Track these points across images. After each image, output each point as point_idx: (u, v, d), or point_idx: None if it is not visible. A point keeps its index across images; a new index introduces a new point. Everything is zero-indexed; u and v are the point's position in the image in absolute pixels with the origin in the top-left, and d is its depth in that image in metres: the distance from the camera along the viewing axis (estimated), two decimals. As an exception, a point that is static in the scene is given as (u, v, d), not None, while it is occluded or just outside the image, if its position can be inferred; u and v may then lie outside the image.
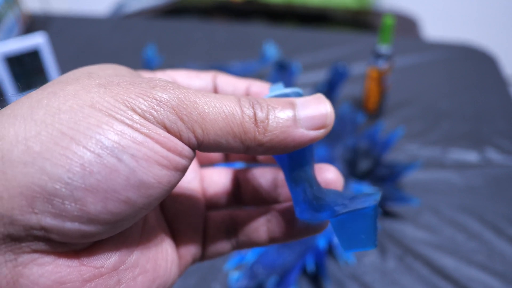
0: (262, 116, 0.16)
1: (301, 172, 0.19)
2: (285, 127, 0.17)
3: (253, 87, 0.22)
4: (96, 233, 0.15)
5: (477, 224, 0.52)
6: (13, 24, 0.88)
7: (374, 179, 0.54)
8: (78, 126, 0.14)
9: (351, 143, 0.57)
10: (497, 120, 0.70)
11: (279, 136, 0.17)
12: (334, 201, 0.18)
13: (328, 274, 0.46)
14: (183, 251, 0.20)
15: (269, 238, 0.21)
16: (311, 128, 0.17)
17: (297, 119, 0.17)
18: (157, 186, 0.15)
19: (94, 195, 0.14)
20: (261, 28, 0.99)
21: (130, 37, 0.94)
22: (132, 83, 0.15)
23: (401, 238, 0.50)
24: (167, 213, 0.21)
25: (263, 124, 0.16)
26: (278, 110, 0.17)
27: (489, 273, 0.47)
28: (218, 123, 0.16)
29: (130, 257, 0.17)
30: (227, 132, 0.16)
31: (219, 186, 0.22)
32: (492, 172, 0.60)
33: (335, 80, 0.60)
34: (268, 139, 0.17)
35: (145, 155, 0.14)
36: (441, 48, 0.90)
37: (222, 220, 0.21)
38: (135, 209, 0.15)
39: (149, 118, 0.15)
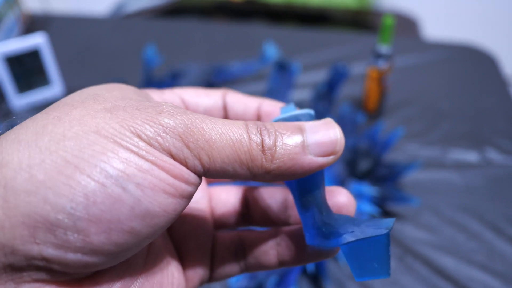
0: (269, 143, 0.16)
1: (310, 197, 0.18)
2: (293, 154, 0.16)
3: (264, 106, 0.21)
4: (99, 264, 0.14)
5: (477, 224, 0.52)
6: (13, 24, 0.88)
7: (374, 179, 0.54)
8: (83, 154, 0.13)
9: (351, 143, 0.57)
10: (497, 120, 0.70)
11: (287, 164, 0.16)
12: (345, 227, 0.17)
13: (328, 274, 0.46)
14: (190, 273, 0.20)
15: (278, 261, 0.20)
16: (320, 155, 0.17)
17: (306, 145, 0.16)
18: (163, 215, 0.15)
19: (97, 225, 0.13)
20: (261, 28, 0.99)
21: (130, 37, 0.94)
22: (138, 108, 0.15)
23: (401, 238, 0.50)
24: (174, 234, 0.20)
25: (270, 151, 0.16)
26: (286, 136, 0.16)
27: (489, 273, 0.47)
28: (225, 151, 0.15)
29: (134, 284, 0.16)
30: (234, 160, 0.16)
31: (227, 205, 0.22)
32: (492, 172, 0.60)
33: (335, 80, 0.60)
34: (276, 166, 0.16)
35: (151, 183, 0.14)
36: (441, 48, 0.90)
37: (231, 241, 0.21)
38: (139, 239, 0.14)
39: (155, 145, 0.14)
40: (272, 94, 0.61)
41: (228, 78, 0.78)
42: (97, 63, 0.84)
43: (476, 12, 1.55)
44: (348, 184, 0.53)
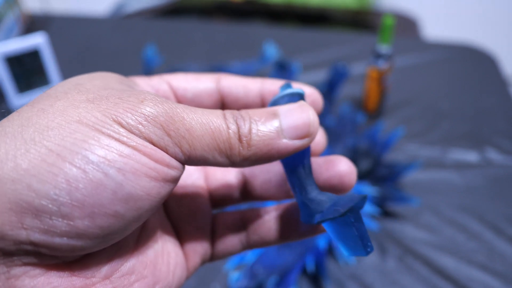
0: (245, 131, 0.16)
1: (294, 177, 0.19)
2: (268, 139, 0.17)
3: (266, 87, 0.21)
4: (86, 247, 0.15)
5: (477, 224, 0.52)
6: (13, 24, 0.88)
7: (374, 179, 0.54)
8: (65, 143, 0.14)
9: (351, 143, 0.57)
10: (497, 120, 0.70)
11: (263, 149, 0.17)
12: (321, 207, 0.18)
13: (328, 274, 0.46)
14: (190, 252, 0.20)
15: (280, 237, 0.21)
16: (294, 138, 0.17)
17: (280, 129, 0.17)
18: (146, 198, 0.15)
19: (81, 210, 0.14)
20: (261, 28, 0.99)
21: (130, 37, 0.94)
22: (120, 97, 0.16)
23: (401, 238, 0.50)
24: (172, 215, 0.21)
25: (246, 138, 0.16)
26: (261, 123, 0.17)
27: (489, 273, 0.47)
28: (205, 139, 0.16)
29: (124, 265, 0.17)
30: (214, 148, 0.16)
31: (224, 183, 0.22)
32: (492, 172, 0.60)
33: (335, 80, 0.60)
34: (252, 153, 0.17)
35: (132, 168, 0.14)
36: (441, 48, 0.90)
37: (232, 219, 0.21)
38: (124, 222, 0.15)
39: (136, 133, 0.15)
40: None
41: (228, 78, 0.78)
42: (97, 63, 0.84)
43: (476, 12, 1.55)
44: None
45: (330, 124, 0.59)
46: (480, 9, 1.54)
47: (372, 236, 0.50)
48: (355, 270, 0.47)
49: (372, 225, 0.50)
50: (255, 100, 0.21)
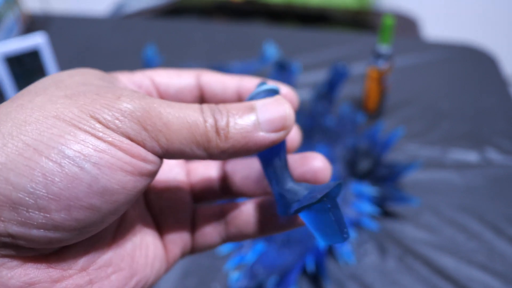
0: (222, 124, 0.17)
1: (271, 169, 0.19)
2: (245, 132, 0.17)
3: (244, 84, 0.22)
4: (63, 239, 0.15)
5: (477, 224, 0.52)
6: (13, 24, 0.88)
7: (374, 179, 0.54)
8: (42, 137, 0.14)
9: (351, 143, 0.57)
10: (497, 120, 0.70)
11: (241, 142, 0.17)
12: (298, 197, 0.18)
13: (328, 274, 0.46)
14: (170, 245, 0.21)
15: (257, 230, 0.21)
16: (271, 131, 0.18)
17: (257, 123, 0.17)
18: (122, 192, 0.15)
19: (57, 203, 0.14)
20: (261, 28, 0.99)
21: (130, 37, 0.94)
22: (98, 93, 0.16)
23: (401, 238, 0.50)
24: (153, 208, 0.21)
25: (224, 131, 0.17)
26: (238, 117, 0.17)
27: (489, 273, 0.47)
28: (182, 133, 0.16)
29: (101, 258, 0.17)
30: (191, 141, 0.16)
31: (206, 179, 0.23)
32: (492, 172, 0.60)
33: (335, 80, 0.60)
34: (230, 145, 0.17)
35: (108, 162, 0.15)
36: (441, 48, 0.90)
37: (212, 213, 0.22)
38: (100, 215, 0.15)
39: (113, 128, 0.15)
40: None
41: (228, 78, 0.78)
42: (97, 63, 0.84)
43: (476, 12, 1.55)
44: (348, 184, 0.53)
45: (330, 124, 0.59)
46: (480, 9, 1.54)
47: (372, 236, 0.51)
48: (355, 270, 0.47)
49: (372, 225, 0.50)
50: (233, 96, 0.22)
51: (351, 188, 0.52)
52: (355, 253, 0.49)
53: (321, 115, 0.60)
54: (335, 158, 0.57)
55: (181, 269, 0.46)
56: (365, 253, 0.49)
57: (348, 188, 0.52)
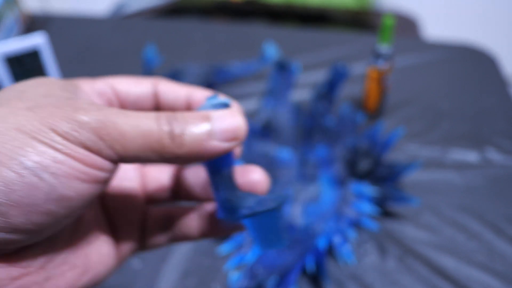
0: (178, 132, 0.18)
1: (218, 176, 0.21)
2: (200, 140, 0.18)
3: (194, 95, 0.23)
4: (21, 241, 0.17)
5: (477, 224, 0.52)
6: (13, 24, 0.88)
7: (374, 179, 0.54)
8: (4, 149, 0.16)
9: (351, 143, 0.57)
10: (497, 120, 0.70)
11: (194, 149, 0.18)
12: (246, 203, 0.20)
13: (328, 274, 0.46)
14: (122, 243, 0.23)
15: (199, 233, 0.23)
16: (224, 140, 0.19)
17: (212, 132, 0.19)
18: (77, 198, 0.17)
19: (17, 209, 0.16)
20: (261, 28, 0.99)
21: (130, 37, 0.94)
22: (58, 106, 0.17)
23: (401, 238, 0.50)
24: (107, 209, 0.23)
25: (180, 139, 0.18)
26: (194, 125, 0.18)
27: (489, 273, 0.47)
28: (137, 141, 0.17)
29: (58, 256, 0.19)
30: (146, 148, 0.18)
31: (159, 182, 0.24)
32: (492, 172, 0.60)
33: (335, 80, 0.60)
34: (185, 152, 0.18)
35: (65, 172, 0.16)
36: (441, 48, 0.90)
37: (161, 216, 0.24)
38: (57, 219, 0.17)
39: (71, 139, 0.16)
40: (272, 94, 0.61)
41: (228, 78, 0.78)
42: (97, 63, 0.84)
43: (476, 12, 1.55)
44: (348, 184, 0.53)
45: (330, 124, 0.59)
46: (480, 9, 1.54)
47: (372, 236, 0.51)
48: (355, 270, 0.47)
49: (372, 225, 0.50)
50: (182, 105, 0.23)
51: (351, 188, 0.52)
52: (355, 253, 0.49)
53: (321, 115, 0.60)
54: (335, 158, 0.57)
55: (181, 269, 0.46)
56: (365, 253, 0.49)
57: (348, 188, 0.52)
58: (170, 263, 0.47)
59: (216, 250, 0.48)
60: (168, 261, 0.47)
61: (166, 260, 0.47)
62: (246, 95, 0.76)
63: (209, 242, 0.49)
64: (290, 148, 0.59)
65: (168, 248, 0.49)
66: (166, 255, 0.48)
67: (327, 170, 0.57)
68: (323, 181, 0.56)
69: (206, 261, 0.47)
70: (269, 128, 0.59)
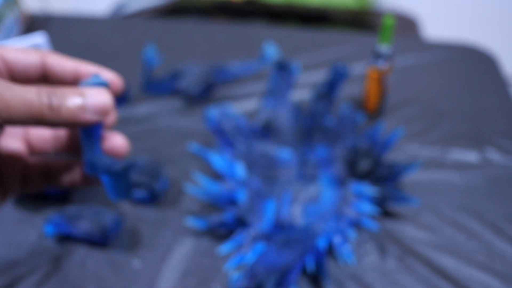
0: (56, 104, 0.23)
1: (86, 141, 0.26)
2: (74, 112, 0.24)
3: (82, 69, 0.28)
4: None
5: (477, 224, 0.52)
6: (13, 24, 0.88)
7: (374, 179, 0.54)
8: None
9: (351, 143, 0.57)
10: (497, 120, 0.70)
11: (69, 119, 0.24)
12: (104, 164, 0.27)
13: (328, 274, 0.46)
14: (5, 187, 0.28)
15: (71, 182, 0.30)
16: (94, 114, 0.24)
17: (84, 107, 0.24)
18: None
19: None
20: (261, 28, 0.99)
21: (130, 37, 0.94)
22: None
23: (401, 238, 0.50)
24: None
25: (57, 110, 0.23)
26: (70, 100, 0.23)
27: (489, 273, 0.47)
28: (20, 110, 0.22)
29: None
30: (28, 117, 0.22)
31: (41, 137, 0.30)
32: (492, 172, 0.60)
33: (335, 80, 0.60)
34: (61, 121, 0.23)
35: None
36: (441, 48, 0.90)
37: (40, 165, 0.30)
38: None
39: None
40: (272, 94, 0.61)
41: (228, 78, 0.78)
42: (97, 63, 0.84)
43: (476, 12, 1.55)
44: (348, 184, 0.53)
45: (330, 124, 0.59)
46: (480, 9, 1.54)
47: (372, 236, 0.51)
48: (355, 270, 0.47)
49: (372, 225, 0.50)
50: (70, 78, 0.28)
51: (351, 188, 0.52)
52: (355, 253, 0.49)
53: (321, 115, 0.60)
54: (335, 158, 0.57)
55: (181, 269, 0.46)
56: (365, 253, 0.49)
57: (348, 188, 0.52)
58: (170, 263, 0.47)
59: (216, 250, 0.48)
60: (168, 261, 0.47)
61: (166, 260, 0.47)
62: (246, 95, 0.76)
63: (209, 242, 0.49)
64: (290, 148, 0.59)
65: (168, 248, 0.49)
66: (166, 255, 0.48)
67: (327, 170, 0.57)
68: (323, 181, 0.56)
69: (206, 261, 0.47)
70: (269, 128, 0.59)
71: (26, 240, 0.49)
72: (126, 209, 0.53)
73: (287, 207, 0.51)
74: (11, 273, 0.45)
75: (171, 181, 0.57)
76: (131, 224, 0.51)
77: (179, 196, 0.55)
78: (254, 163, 0.55)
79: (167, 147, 0.64)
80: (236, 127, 0.56)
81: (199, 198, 0.55)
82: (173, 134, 0.67)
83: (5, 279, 0.44)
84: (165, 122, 0.69)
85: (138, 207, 0.53)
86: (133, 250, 0.48)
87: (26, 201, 0.53)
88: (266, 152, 0.57)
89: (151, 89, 0.75)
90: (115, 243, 0.49)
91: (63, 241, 0.49)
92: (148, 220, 0.52)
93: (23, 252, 0.47)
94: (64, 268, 0.46)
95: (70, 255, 0.47)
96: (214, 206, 0.54)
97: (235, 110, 0.72)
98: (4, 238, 0.49)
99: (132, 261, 0.47)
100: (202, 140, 0.66)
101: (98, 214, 0.48)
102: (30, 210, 0.52)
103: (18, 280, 0.44)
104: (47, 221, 0.48)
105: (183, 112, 0.72)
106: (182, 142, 0.65)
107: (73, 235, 0.48)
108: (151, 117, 0.70)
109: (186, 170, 0.59)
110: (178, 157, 0.62)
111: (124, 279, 0.45)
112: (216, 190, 0.51)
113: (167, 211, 0.53)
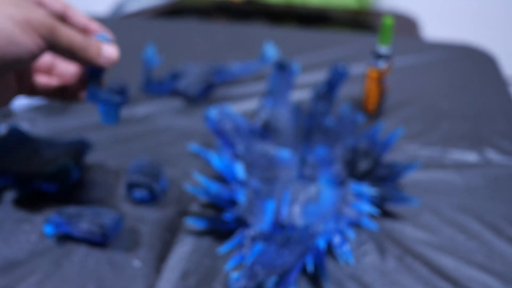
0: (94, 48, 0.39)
1: (92, 76, 0.42)
2: (95, 54, 0.39)
3: (68, 12, 0.41)
4: None
5: (477, 224, 0.52)
6: (13, 24, 0.88)
7: (373, 179, 0.54)
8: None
9: (351, 143, 0.57)
10: (497, 120, 0.70)
11: (92, 59, 0.39)
12: (101, 95, 0.42)
13: (328, 274, 0.46)
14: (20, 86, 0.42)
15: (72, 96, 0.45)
16: (105, 59, 0.40)
17: (101, 53, 0.40)
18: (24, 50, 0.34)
19: None
20: (261, 28, 0.99)
21: (130, 37, 0.94)
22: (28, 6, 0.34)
23: (401, 238, 0.50)
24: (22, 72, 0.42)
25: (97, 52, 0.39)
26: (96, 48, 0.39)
27: (489, 273, 0.47)
28: (66, 45, 0.36)
29: None
30: (67, 48, 0.37)
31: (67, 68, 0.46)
32: (492, 172, 0.60)
33: (335, 80, 0.60)
34: (87, 57, 0.38)
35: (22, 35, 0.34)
36: (440, 49, 0.90)
37: (44, 66, 0.44)
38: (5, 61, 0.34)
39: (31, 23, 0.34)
40: (272, 94, 0.61)
41: (228, 78, 0.78)
42: (97, 63, 0.84)
43: (476, 12, 1.55)
44: (348, 184, 0.53)
45: (329, 124, 0.59)
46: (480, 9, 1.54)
47: (372, 236, 0.51)
48: (355, 270, 0.47)
49: (371, 225, 0.50)
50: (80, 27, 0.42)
51: (351, 188, 0.52)
52: (354, 253, 0.49)
53: (320, 115, 0.60)
54: (335, 158, 0.58)
55: (181, 269, 0.46)
56: (365, 253, 0.49)
57: (348, 188, 0.52)
58: (170, 263, 0.47)
59: (216, 250, 0.48)
60: (168, 261, 0.47)
61: (166, 260, 0.47)
62: (246, 95, 0.76)
63: (209, 242, 0.49)
64: (290, 148, 0.59)
65: (168, 248, 0.49)
66: (166, 255, 0.48)
67: (327, 170, 0.57)
68: (323, 181, 0.56)
69: (206, 261, 0.47)
70: (269, 128, 0.59)
71: (26, 240, 0.49)
72: (126, 209, 0.53)
73: (286, 207, 0.51)
74: (11, 273, 0.45)
75: (171, 181, 0.57)
76: (131, 224, 0.51)
77: (179, 196, 0.55)
78: (254, 163, 0.55)
79: (167, 147, 0.64)
80: (236, 127, 0.56)
81: (199, 198, 0.55)
82: (173, 134, 0.67)
83: (5, 279, 0.44)
84: (165, 122, 0.69)
85: (138, 207, 0.53)
86: (133, 250, 0.48)
87: (26, 201, 0.53)
88: (266, 152, 0.57)
89: (151, 89, 0.75)
90: (115, 243, 0.49)
91: (63, 241, 0.49)
92: (148, 220, 0.52)
93: (23, 252, 0.47)
94: (64, 268, 0.46)
95: (70, 255, 0.47)
96: (214, 206, 0.54)
97: (235, 110, 0.72)
98: (4, 238, 0.49)
99: (132, 261, 0.47)
100: (202, 140, 0.66)
101: (98, 214, 0.48)
102: (30, 210, 0.52)
103: (18, 280, 0.44)
104: (47, 221, 0.48)
105: (183, 112, 0.72)
106: (182, 142, 0.65)
107: (73, 235, 0.48)
108: (151, 117, 0.70)
109: (186, 170, 0.59)
110: (178, 157, 0.62)
111: (124, 279, 0.45)
112: (216, 190, 0.51)
113: (167, 211, 0.53)
